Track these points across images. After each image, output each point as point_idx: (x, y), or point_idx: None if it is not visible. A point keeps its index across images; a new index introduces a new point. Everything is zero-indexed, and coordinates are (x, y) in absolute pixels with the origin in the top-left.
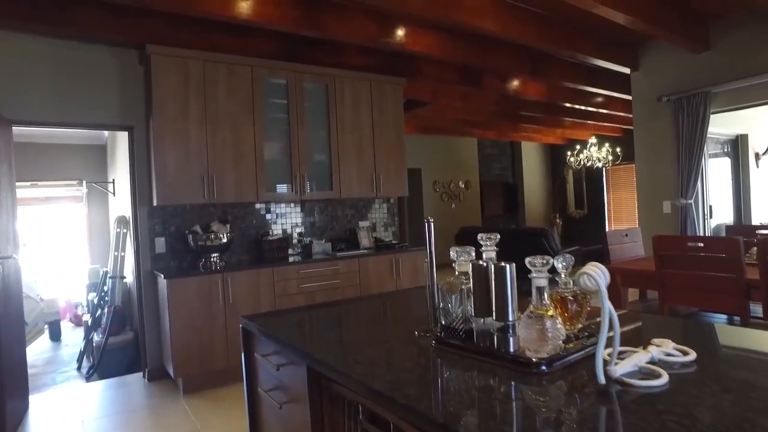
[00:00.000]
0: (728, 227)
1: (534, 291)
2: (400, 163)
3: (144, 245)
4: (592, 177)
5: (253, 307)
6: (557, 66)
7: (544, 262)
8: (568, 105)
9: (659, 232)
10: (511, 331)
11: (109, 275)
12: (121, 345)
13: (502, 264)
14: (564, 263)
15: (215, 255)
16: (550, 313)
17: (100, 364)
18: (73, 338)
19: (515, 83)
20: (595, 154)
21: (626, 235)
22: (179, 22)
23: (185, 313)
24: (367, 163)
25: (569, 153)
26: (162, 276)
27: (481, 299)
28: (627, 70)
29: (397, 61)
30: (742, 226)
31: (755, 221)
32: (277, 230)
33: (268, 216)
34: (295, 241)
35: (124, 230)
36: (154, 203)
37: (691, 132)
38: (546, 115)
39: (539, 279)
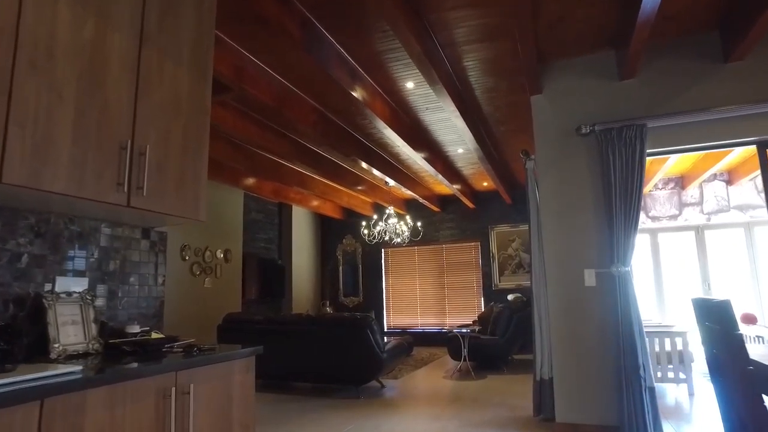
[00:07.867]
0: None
1: None
2: (201, 138)
3: None
4: (368, 260)
5: None
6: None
7: None
8: (404, 149)
9: (582, 312)
10: None
11: None
12: None
13: None
14: None
15: None
16: None
17: None
18: None
19: (364, 92)
20: (397, 227)
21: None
22: None
23: None
24: (112, 112)
25: (364, 224)
26: None
27: None
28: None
29: None
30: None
31: None
32: None
33: None
34: None
35: None
36: None
37: (626, 174)
38: (355, 156)
39: None
